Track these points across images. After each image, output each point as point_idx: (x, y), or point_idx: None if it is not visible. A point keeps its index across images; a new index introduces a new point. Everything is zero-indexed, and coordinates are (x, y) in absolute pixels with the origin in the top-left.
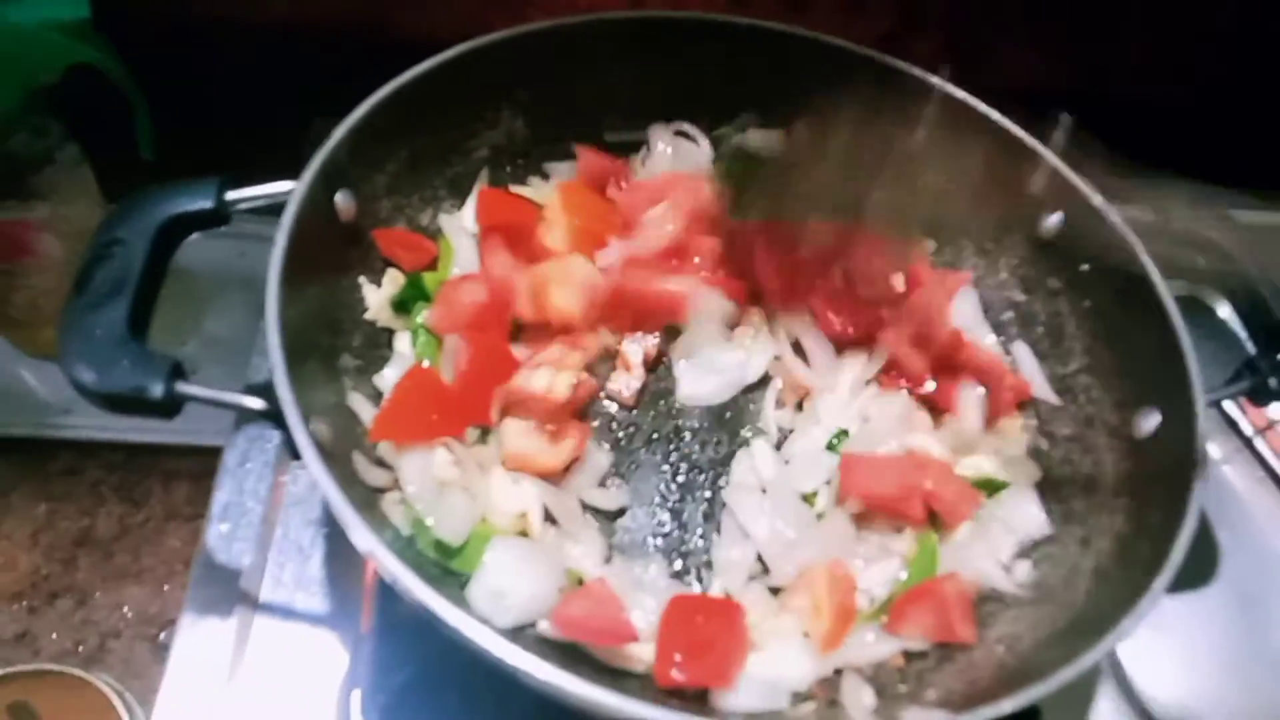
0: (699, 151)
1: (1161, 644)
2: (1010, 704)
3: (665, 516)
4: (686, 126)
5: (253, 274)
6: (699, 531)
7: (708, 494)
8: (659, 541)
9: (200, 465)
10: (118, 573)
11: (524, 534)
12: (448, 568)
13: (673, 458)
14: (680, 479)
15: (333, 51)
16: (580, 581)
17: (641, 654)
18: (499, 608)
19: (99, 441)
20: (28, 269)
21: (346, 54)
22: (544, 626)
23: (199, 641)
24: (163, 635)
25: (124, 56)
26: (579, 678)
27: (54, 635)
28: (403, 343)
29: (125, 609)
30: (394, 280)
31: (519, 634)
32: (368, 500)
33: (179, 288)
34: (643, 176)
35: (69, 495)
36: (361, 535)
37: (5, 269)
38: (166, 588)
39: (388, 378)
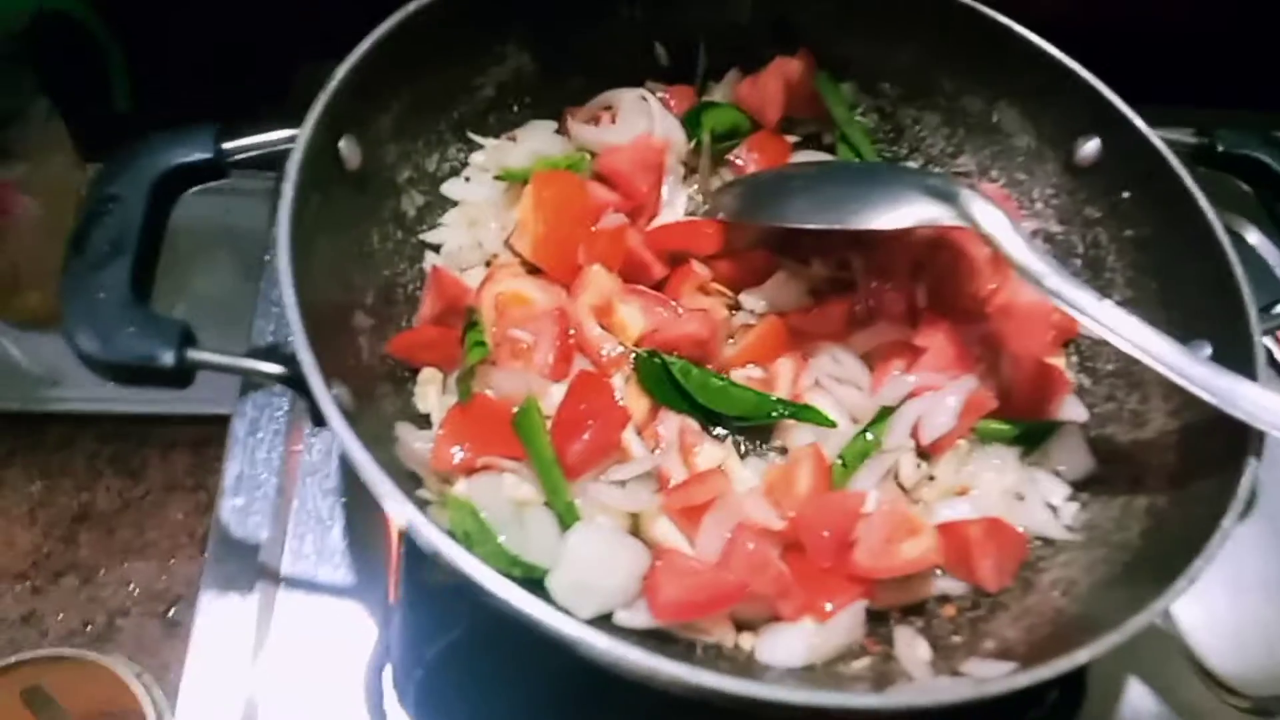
0: (667, 114)
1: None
2: (1086, 654)
3: None
4: (654, 87)
5: (240, 231)
6: None
7: None
8: None
9: (198, 434)
10: (121, 548)
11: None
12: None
13: None
14: None
15: None
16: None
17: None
18: (582, 599)
19: (90, 413)
20: (5, 231)
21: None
22: (622, 616)
23: (220, 620)
24: (172, 611)
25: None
26: (664, 656)
27: (60, 615)
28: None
29: (131, 585)
30: (433, 378)
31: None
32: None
33: (165, 249)
34: (614, 139)
35: (64, 470)
36: (399, 507)
37: None
38: (173, 562)
39: (430, 397)
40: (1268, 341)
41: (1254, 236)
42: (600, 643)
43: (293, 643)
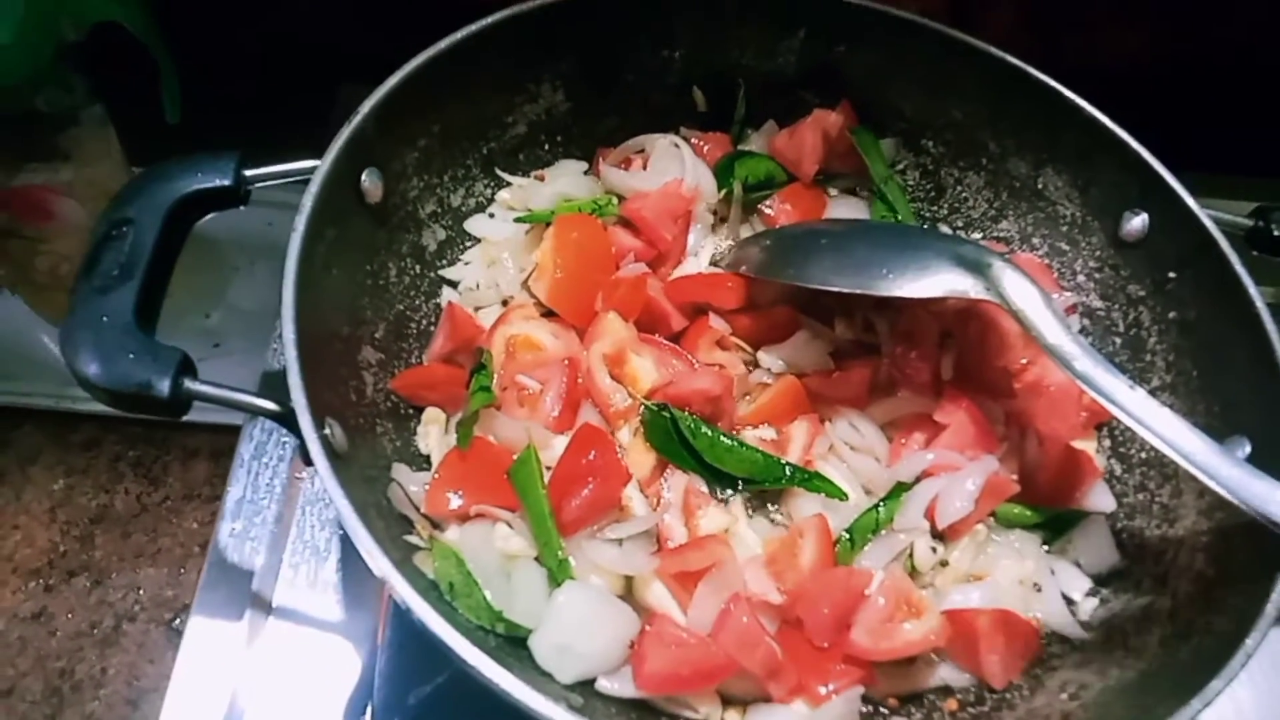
0: (699, 162)
1: None
2: None
3: None
4: (689, 133)
5: (280, 244)
6: None
7: None
8: None
9: (221, 443)
10: (134, 553)
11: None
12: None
13: None
14: None
15: (369, 12)
16: None
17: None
18: (565, 662)
19: (119, 416)
20: (49, 234)
21: (384, 15)
22: (604, 684)
23: (207, 645)
24: (178, 620)
25: (152, 14)
26: None
27: (69, 615)
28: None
29: (141, 591)
30: (437, 418)
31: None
32: (395, 538)
33: (205, 256)
34: (643, 185)
35: (88, 470)
36: (376, 560)
37: (29, 234)
38: (183, 571)
39: (432, 438)
40: None
41: None
42: None
43: (278, 673)
